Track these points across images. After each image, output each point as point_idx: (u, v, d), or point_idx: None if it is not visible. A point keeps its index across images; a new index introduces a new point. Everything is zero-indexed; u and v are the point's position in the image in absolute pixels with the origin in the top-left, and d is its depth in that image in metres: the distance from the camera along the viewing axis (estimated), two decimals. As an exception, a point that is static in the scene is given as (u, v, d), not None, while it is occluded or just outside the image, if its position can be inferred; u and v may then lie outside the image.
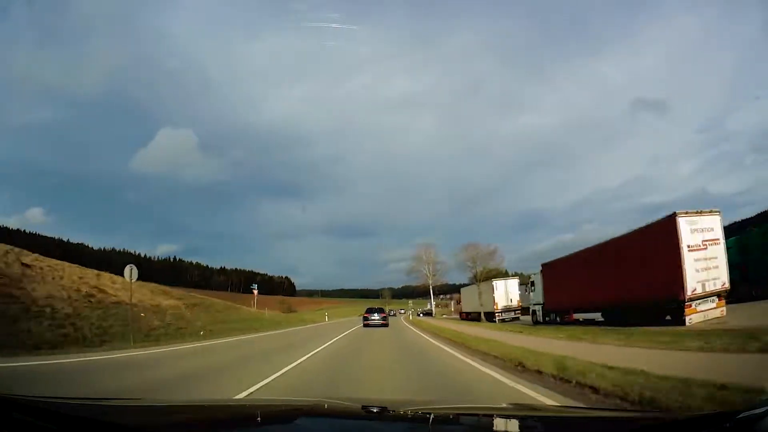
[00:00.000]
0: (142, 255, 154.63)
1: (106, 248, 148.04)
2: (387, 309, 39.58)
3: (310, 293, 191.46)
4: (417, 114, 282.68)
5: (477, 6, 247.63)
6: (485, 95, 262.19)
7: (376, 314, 29.86)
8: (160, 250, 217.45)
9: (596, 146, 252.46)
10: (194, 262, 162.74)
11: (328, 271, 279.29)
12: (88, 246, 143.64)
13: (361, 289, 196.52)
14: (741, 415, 1.32)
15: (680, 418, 1.85)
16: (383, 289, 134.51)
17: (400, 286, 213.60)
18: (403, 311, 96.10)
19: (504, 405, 3.10)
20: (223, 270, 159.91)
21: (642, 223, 15.42)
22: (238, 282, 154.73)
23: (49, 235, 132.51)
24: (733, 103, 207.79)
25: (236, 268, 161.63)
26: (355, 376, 7.68)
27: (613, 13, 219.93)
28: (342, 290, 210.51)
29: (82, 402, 2.06)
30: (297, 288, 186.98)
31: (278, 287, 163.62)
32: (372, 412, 2.01)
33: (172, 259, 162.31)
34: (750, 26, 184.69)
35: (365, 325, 28.78)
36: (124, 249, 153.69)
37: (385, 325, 28.50)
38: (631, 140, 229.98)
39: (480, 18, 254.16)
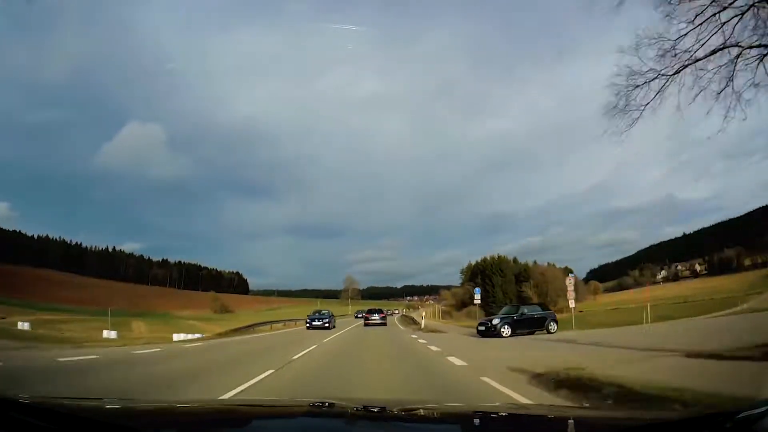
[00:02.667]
0: (77, 244, 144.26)
1: (41, 236, 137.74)
2: (385, 310, 44.14)
3: (269, 292, 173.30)
4: (385, 115, 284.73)
5: (449, 9, 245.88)
6: (455, 98, 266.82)
7: (376, 315, 34.71)
8: (113, 243, 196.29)
9: (565, 150, 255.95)
10: (132, 253, 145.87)
11: (292, 271, 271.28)
12: (23, 233, 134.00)
13: (325, 290, 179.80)
14: (741, 415, 1.33)
15: (680, 418, 1.84)
16: (350, 286, 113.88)
17: (365, 287, 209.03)
18: (398, 312, 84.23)
19: (503, 405, 3.42)
20: (164, 262, 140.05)
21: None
22: (179, 276, 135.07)
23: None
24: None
25: (180, 261, 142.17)
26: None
27: (587, 20, 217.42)
28: (305, 290, 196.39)
29: (82, 402, 2.10)
30: (253, 286, 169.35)
31: (227, 284, 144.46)
32: (372, 412, 2.09)
33: (110, 249, 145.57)
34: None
35: (366, 325, 32.96)
36: (60, 237, 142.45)
37: (384, 324, 32.94)
38: (600, 145, 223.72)
39: (452, 21, 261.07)
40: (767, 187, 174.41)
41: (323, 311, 34.03)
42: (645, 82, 9.82)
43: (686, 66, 9.24)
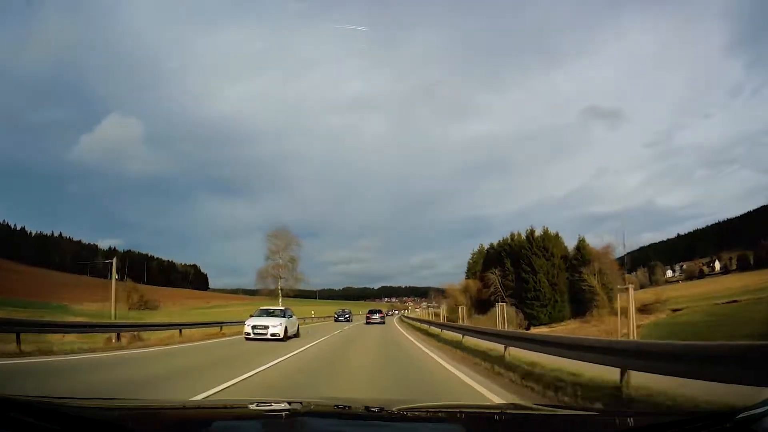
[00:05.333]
0: (22, 229, 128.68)
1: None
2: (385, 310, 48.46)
3: (235, 290, 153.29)
4: (367, 116, 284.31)
5: (435, 11, 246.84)
6: (437, 100, 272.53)
7: (376, 315, 36.40)
8: (90, 238, 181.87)
9: (545, 155, 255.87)
10: (81, 240, 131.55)
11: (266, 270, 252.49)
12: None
13: (299, 290, 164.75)
14: (740, 415, 1.33)
15: (679, 418, 1.81)
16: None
17: (340, 288, 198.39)
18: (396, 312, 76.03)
19: (504, 404, 3.46)
20: (112, 252, 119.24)
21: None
22: (123, 266, 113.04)
23: None
24: (684, 120, 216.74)
25: (130, 251, 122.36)
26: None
27: (571, 27, 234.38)
28: (279, 290, 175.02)
29: (81, 402, 2.00)
30: (227, 285, 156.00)
31: (181, 278, 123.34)
32: (372, 412, 2.08)
33: (52, 235, 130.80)
34: (704, 47, 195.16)
35: (367, 323, 34.87)
36: (4, 221, 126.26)
37: (382, 323, 34.60)
38: (579, 151, 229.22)
39: (437, 25, 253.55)
40: (748, 194, 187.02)
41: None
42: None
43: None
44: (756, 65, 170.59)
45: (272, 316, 18.44)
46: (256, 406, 2.57)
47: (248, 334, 17.16)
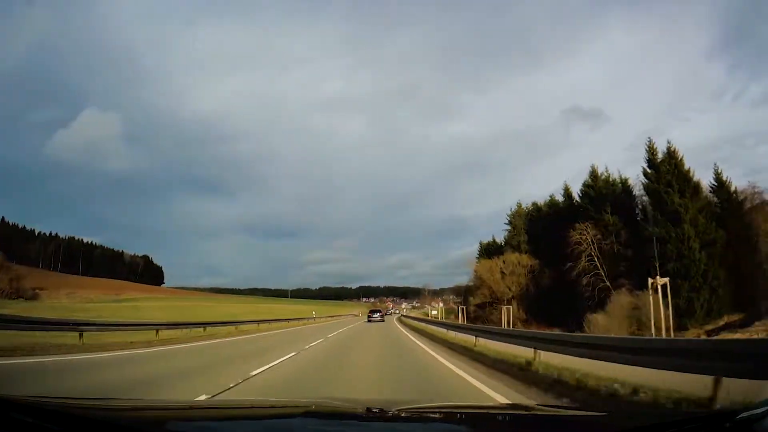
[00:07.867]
0: None
1: None
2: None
3: (191, 288, 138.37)
4: (347, 117, 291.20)
5: (418, 14, 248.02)
6: (418, 101, 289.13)
7: (377, 314, 42.30)
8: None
9: (526, 156, 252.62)
10: (11, 223, 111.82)
11: (243, 269, 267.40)
12: None
13: (275, 289, 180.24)
14: (741, 415, 1.33)
15: (680, 418, 1.81)
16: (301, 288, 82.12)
17: (317, 288, 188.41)
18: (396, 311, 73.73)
19: (505, 405, 3.33)
20: (53, 237, 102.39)
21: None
22: (53, 253, 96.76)
23: None
24: (666, 123, 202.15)
25: (73, 237, 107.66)
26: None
27: (555, 30, 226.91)
28: (255, 289, 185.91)
29: (82, 402, 2.03)
30: (209, 284, 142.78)
31: (127, 269, 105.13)
32: (374, 412, 2.04)
33: None
34: (687, 51, 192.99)
35: (369, 321, 38.60)
36: None
37: (382, 321, 39.10)
38: (561, 152, 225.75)
39: (419, 26, 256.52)
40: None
41: None
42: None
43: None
44: (738, 69, 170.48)
45: None
46: (256, 407, 2.59)
47: None
